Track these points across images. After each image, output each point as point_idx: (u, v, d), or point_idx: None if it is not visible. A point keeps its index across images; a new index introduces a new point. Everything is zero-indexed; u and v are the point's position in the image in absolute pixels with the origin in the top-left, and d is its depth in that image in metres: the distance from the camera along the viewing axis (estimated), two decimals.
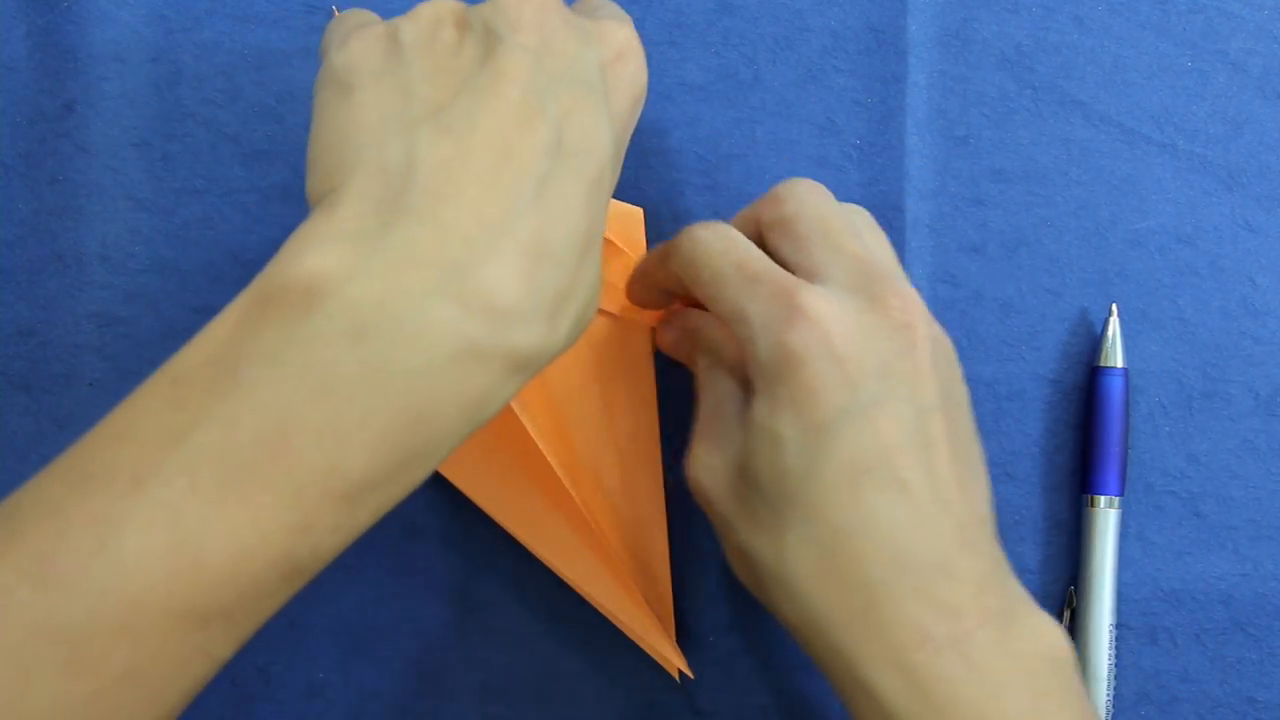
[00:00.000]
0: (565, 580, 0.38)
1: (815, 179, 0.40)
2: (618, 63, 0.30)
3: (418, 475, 0.27)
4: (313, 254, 0.26)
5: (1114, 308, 0.40)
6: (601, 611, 0.38)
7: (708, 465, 0.33)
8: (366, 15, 0.32)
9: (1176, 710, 0.39)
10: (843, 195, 0.40)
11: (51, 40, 0.39)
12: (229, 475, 0.24)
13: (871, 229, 0.34)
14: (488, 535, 0.39)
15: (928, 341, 0.31)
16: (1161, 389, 0.40)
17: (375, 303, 0.25)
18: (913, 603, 0.29)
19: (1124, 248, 0.40)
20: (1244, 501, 0.40)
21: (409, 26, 0.29)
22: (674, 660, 0.38)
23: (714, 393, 0.34)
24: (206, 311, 0.39)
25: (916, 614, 0.29)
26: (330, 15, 0.39)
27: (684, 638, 0.39)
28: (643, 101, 0.31)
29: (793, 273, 0.32)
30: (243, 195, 0.39)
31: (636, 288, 0.37)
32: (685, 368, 0.37)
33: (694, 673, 0.39)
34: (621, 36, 0.31)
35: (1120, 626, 0.39)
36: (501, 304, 0.26)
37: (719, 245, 0.33)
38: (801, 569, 0.30)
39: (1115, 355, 0.39)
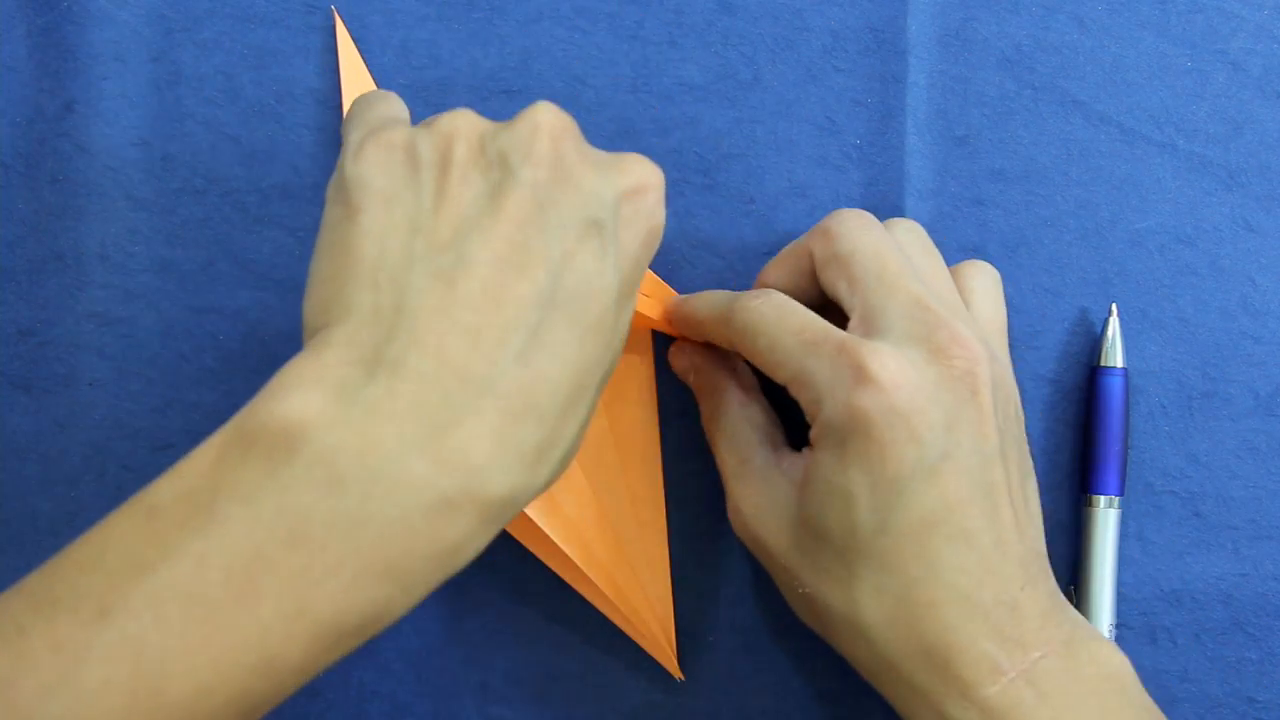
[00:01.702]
0: (565, 580, 0.38)
1: (814, 179, 0.40)
2: (634, 197, 0.30)
3: (384, 623, 0.27)
4: (295, 397, 0.26)
5: (1114, 308, 0.40)
6: (601, 612, 0.38)
7: (757, 516, 0.34)
8: (389, 106, 0.31)
9: (1176, 710, 0.39)
10: (843, 195, 0.40)
11: (51, 40, 0.39)
12: (194, 613, 0.24)
13: (926, 251, 0.35)
14: None
15: (988, 387, 0.32)
16: (1161, 389, 0.40)
17: (353, 453, 0.25)
18: (983, 641, 0.31)
19: (1124, 248, 0.40)
20: (1244, 501, 0.40)
21: (426, 144, 0.28)
22: (674, 661, 0.38)
23: (735, 439, 0.35)
24: (206, 311, 0.39)
25: (988, 651, 0.31)
26: (330, 15, 0.39)
27: (684, 638, 0.39)
28: (659, 237, 0.31)
29: (848, 313, 0.33)
30: (243, 195, 0.39)
31: (680, 327, 0.37)
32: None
33: (692, 673, 0.39)
34: (639, 171, 0.30)
35: (1120, 626, 0.39)
36: (476, 462, 0.26)
37: (774, 314, 0.33)
38: (877, 617, 0.32)
39: (1115, 355, 0.39)
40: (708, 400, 0.37)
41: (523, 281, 0.27)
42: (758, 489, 0.34)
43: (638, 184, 0.30)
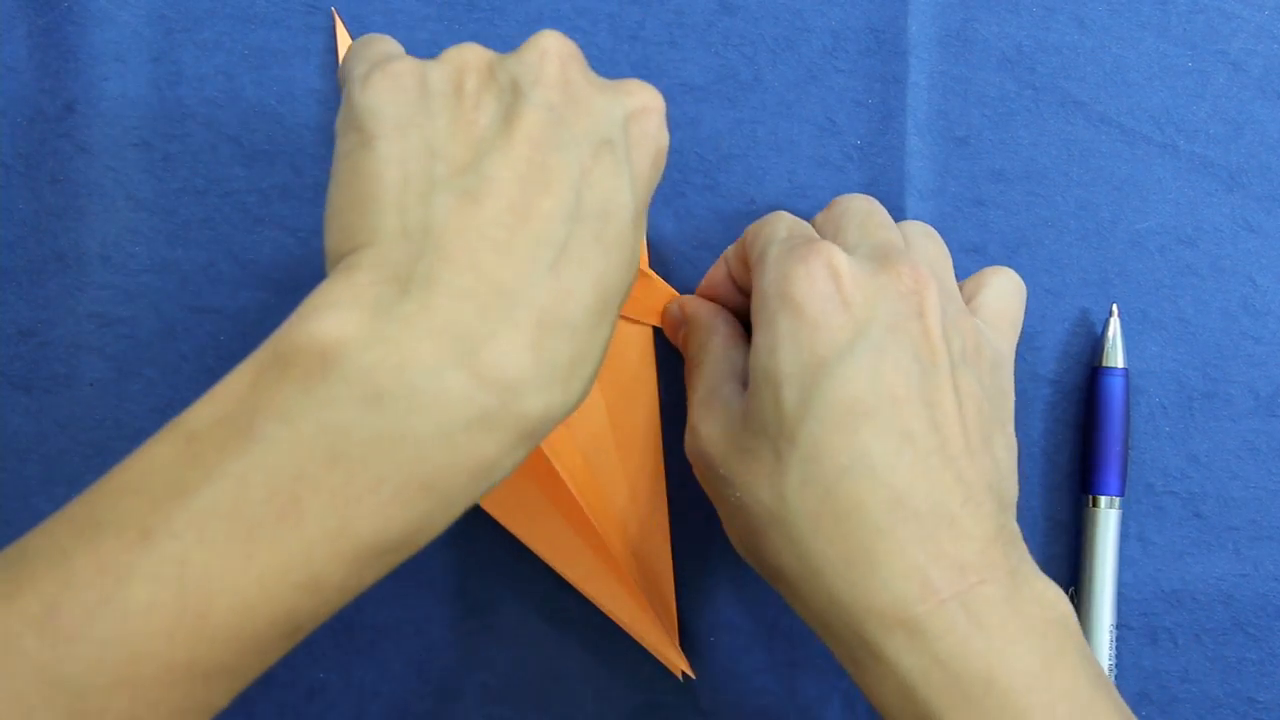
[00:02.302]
0: (567, 580, 0.38)
1: (815, 179, 0.40)
2: (641, 118, 0.30)
3: (424, 539, 0.27)
4: (330, 318, 0.26)
5: (1114, 308, 0.40)
6: (603, 611, 0.38)
7: (708, 435, 0.33)
8: (389, 45, 0.31)
9: (1176, 710, 0.39)
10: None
11: (52, 40, 0.39)
12: (238, 532, 0.24)
13: (928, 236, 0.35)
14: (488, 535, 0.39)
15: (935, 313, 0.31)
16: (1162, 389, 0.40)
17: (391, 369, 0.25)
18: (915, 551, 0.29)
19: (1124, 248, 0.40)
20: (1244, 502, 0.40)
21: (436, 73, 0.29)
22: (676, 661, 0.38)
23: (710, 374, 0.35)
24: (206, 312, 0.39)
25: (919, 563, 0.29)
26: (330, 16, 0.39)
27: (685, 638, 0.39)
28: (664, 160, 0.31)
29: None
30: (243, 195, 0.39)
31: (710, 288, 0.38)
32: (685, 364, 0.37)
33: (695, 673, 0.39)
34: (642, 95, 0.31)
35: (1120, 627, 0.39)
36: (513, 376, 0.26)
37: (774, 221, 0.34)
38: (803, 509, 0.30)
39: (1116, 355, 0.39)
40: (694, 343, 0.36)
41: (547, 198, 0.27)
42: (717, 412, 0.33)
43: (642, 105, 0.30)
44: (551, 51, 0.29)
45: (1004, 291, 0.35)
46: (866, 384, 0.30)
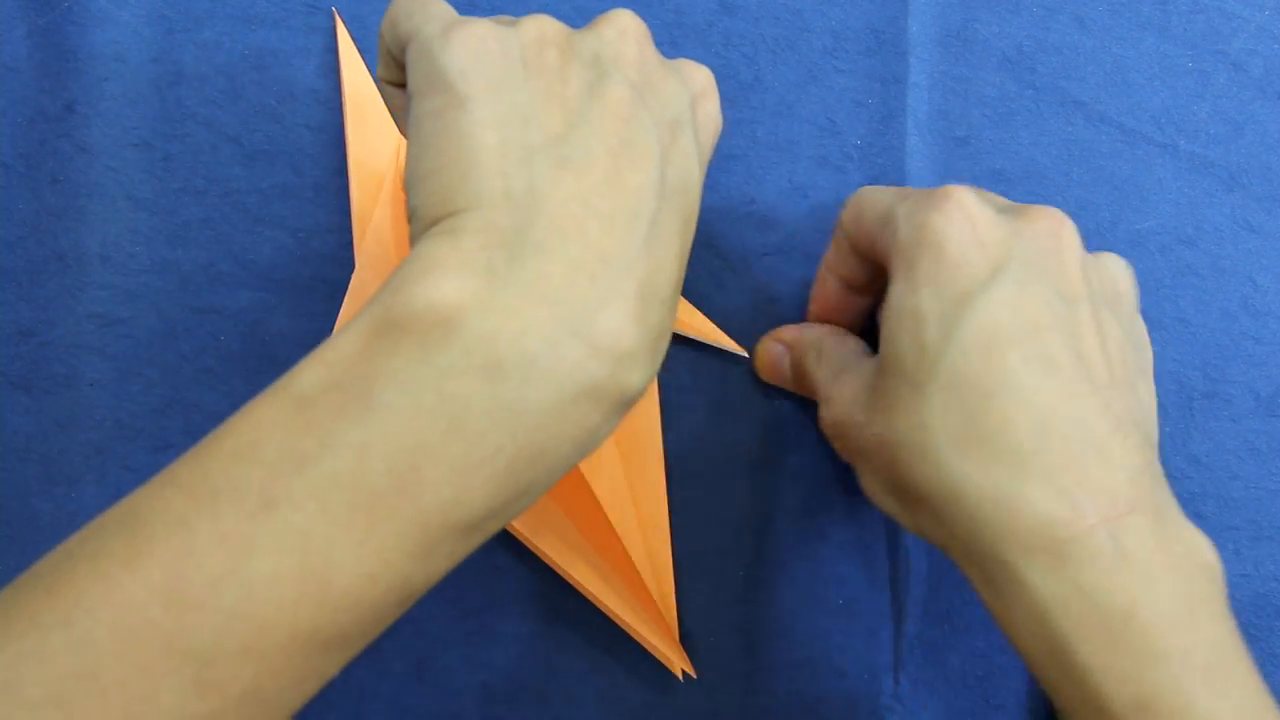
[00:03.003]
0: (568, 580, 0.38)
1: (815, 179, 0.40)
2: (703, 100, 0.31)
3: (526, 504, 0.27)
4: (444, 283, 0.25)
5: None
6: (604, 611, 0.38)
7: (840, 397, 0.33)
8: (444, 4, 0.30)
9: None
10: (844, 196, 0.40)
11: (52, 40, 0.39)
12: (359, 502, 0.24)
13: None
14: None
15: (1077, 251, 0.31)
16: (1162, 389, 0.40)
17: (510, 338, 0.25)
18: (1063, 474, 0.28)
19: (1125, 248, 0.40)
20: (1244, 502, 0.40)
21: (517, 39, 0.28)
22: (676, 660, 0.38)
23: (834, 360, 0.35)
24: (206, 312, 0.39)
25: (1067, 486, 0.28)
26: (330, 16, 0.39)
27: (685, 638, 0.39)
28: (718, 139, 0.32)
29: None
30: (243, 195, 0.39)
31: (822, 304, 0.38)
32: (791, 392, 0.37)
33: (695, 673, 0.39)
34: (702, 76, 0.31)
35: None
36: (622, 346, 0.26)
37: (874, 191, 0.34)
38: (945, 436, 0.29)
39: None
40: (809, 357, 0.36)
41: (642, 172, 0.28)
42: (848, 379, 0.33)
43: (703, 88, 0.31)
44: (630, 31, 0.29)
45: (1119, 268, 0.34)
46: (1008, 314, 0.29)
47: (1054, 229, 0.31)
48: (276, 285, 0.39)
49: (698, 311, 0.39)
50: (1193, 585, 0.28)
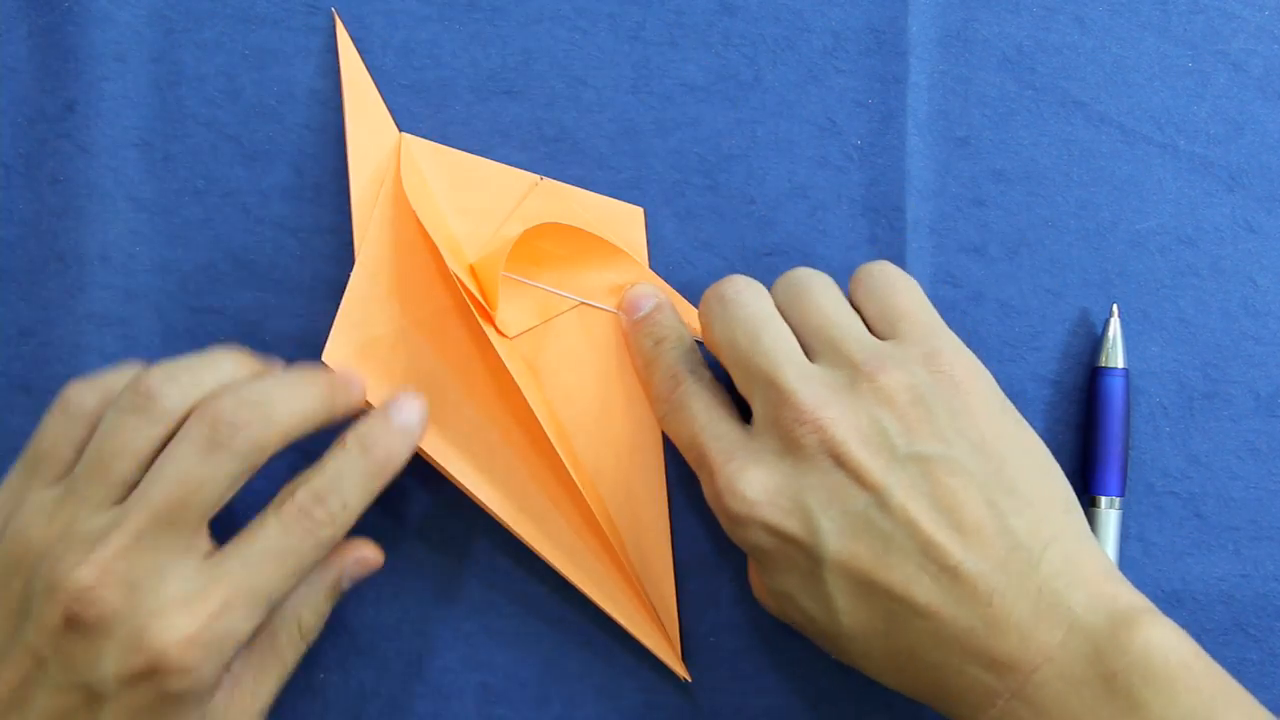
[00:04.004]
0: (568, 581, 0.38)
1: (815, 179, 0.40)
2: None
3: None
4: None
5: (1115, 308, 0.40)
6: (604, 612, 0.38)
7: (745, 496, 0.34)
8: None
9: None
10: (844, 196, 0.40)
11: (52, 40, 0.39)
12: None
13: (813, 292, 0.36)
14: (488, 536, 0.39)
15: (853, 441, 0.33)
16: (1162, 390, 0.40)
17: None
18: (970, 667, 0.31)
19: (1125, 248, 0.40)
20: (1244, 502, 0.40)
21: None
22: (675, 667, 0.38)
23: (712, 422, 0.36)
24: (206, 312, 0.39)
25: (977, 677, 0.31)
26: (330, 16, 0.39)
27: (686, 638, 0.39)
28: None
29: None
30: (243, 195, 0.39)
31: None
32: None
33: (695, 673, 0.39)
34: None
35: None
36: None
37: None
38: (859, 640, 0.33)
39: (1116, 356, 0.39)
40: (664, 352, 0.38)
41: None
42: (747, 471, 0.34)
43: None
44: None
45: (891, 285, 0.36)
46: (847, 578, 0.32)
47: (820, 437, 0.33)
48: (276, 285, 0.39)
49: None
50: (1115, 699, 0.30)
